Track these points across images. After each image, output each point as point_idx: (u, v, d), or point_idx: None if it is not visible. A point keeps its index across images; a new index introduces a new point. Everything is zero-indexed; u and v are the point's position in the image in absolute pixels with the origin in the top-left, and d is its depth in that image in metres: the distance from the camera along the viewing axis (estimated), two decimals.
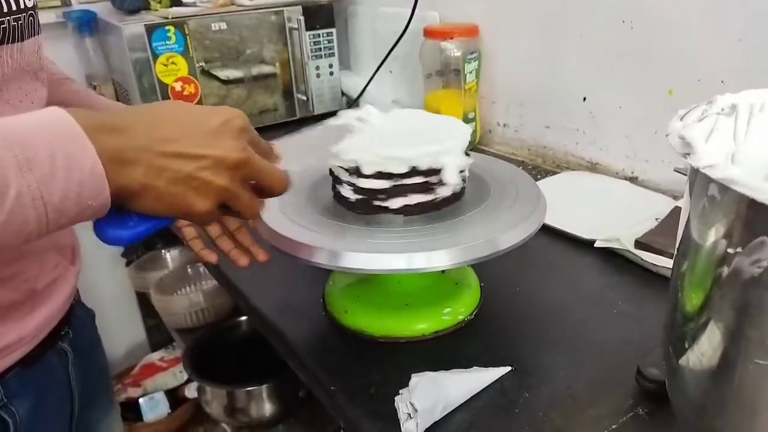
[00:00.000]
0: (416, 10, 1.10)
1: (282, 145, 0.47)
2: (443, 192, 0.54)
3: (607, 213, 0.79)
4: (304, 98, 1.28)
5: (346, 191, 0.55)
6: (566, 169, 0.98)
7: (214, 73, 1.17)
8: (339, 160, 0.54)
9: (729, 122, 0.37)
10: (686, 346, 0.34)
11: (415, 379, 0.48)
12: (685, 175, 0.40)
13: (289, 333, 0.60)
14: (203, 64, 1.14)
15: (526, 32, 0.99)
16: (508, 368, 0.52)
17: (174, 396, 1.49)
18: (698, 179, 0.31)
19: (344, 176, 0.55)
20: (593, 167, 0.96)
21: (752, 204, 0.26)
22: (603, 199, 0.84)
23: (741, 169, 0.26)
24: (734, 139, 0.38)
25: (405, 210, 0.54)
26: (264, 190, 0.43)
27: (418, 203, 0.54)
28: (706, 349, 0.32)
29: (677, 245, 0.36)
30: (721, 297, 0.30)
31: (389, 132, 0.57)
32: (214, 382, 1.03)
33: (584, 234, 0.73)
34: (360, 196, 0.55)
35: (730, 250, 0.28)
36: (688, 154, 0.29)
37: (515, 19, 1.00)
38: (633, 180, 0.90)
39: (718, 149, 0.34)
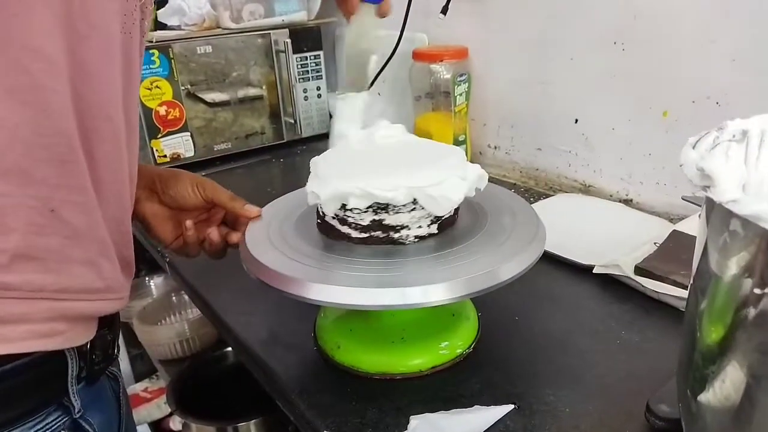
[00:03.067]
0: (404, 33, 1.09)
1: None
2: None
3: (604, 237, 0.77)
4: (292, 121, 1.26)
5: (333, 222, 0.53)
6: (559, 191, 0.97)
7: (200, 95, 1.14)
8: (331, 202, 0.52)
9: (740, 149, 0.35)
10: (707, 389, 0.32)
11: (414, 422, 0.45)
12: (695, 203, 0.38)
13: (278, 369, 0.57)
14: (188, 86, 1.12)
15: (516, 54, 0.98)
16: (511, 406, 0.49)
17: (158, 428, 1.43)
18: (717, 212, 0.29)
19: (365, 219, 0.52)
20: (587, 190, 0.94)
21: None
22: (598, 223, 0.82)
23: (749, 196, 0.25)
24: (746, 166, 0.36)
25: (450, 221, 0.53)
26: None
27: (444, 219, 0.53)
28: (730, 393, 0.30)
29: (692, 279, 0.34)
30: (747, 340, 0.28)
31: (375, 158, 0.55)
32: (199, 418, 0.99)
33: (582, 259, 0.71)
34: (384, 233, 0.52)
35: (758, 291, 0.26)
36: (708, 186, 0.27)
37: (505, 40, 0.99)
38: (628, 202, 0.88)
39: (733, 179, 0.33)
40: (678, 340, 0.40)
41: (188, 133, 1.14)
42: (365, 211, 0.51)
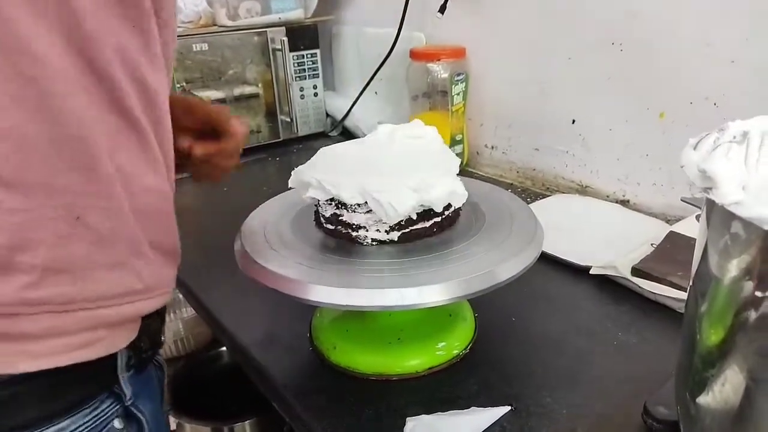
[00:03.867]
0: (402, 32, 1.09)
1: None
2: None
3: (601, 238, 0.77)
4: (288, 120, 1.26)
5: (331, 221, 0.53)
6: (556, 191, 0.97)
7: (195, 93, 1.14)
8: (320, 193, 0.51)
9: (741, 150, 0.35)
10: (706, 392, 0.31)
11: (411, 423, 0.45)
12: (694, 205, 0.38)
13: (273, 369, 0.57)
14: (184, 84, 1.11)
15: (514, 54, 0.98)
16: (508, 408, 0.49)
17: None
18: (717, 213, 0.29)
19: (328, 211, 0.53)
20: (583, 190, 0.94)
21: None
22: (595, 224, 0.82)
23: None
24: (746, 167, 0.36)
25: (421, 232, 0.52)
26: None
27: (412, 230, 0.52)
28: (730, 396, 0.29)
29: (691, 281, 0.34)
30: (748, 343, 0.28)
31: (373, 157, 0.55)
32: (194, 418, 0.98)
33: (579, 260, 0.71)
34: (345, 230, 0.52)
35: (759, 294, 0.26)
36: (710, 188, 0.27)
37: (502, 40, 0.99)
38: (625, 203, 0.88)
39: (735, 181, 0.32)
40: (675, 341, 0.39)
41: None
42: (328, 204, 0.53)
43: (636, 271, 0.65)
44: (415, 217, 0.52)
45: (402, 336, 0.55)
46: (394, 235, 0.52)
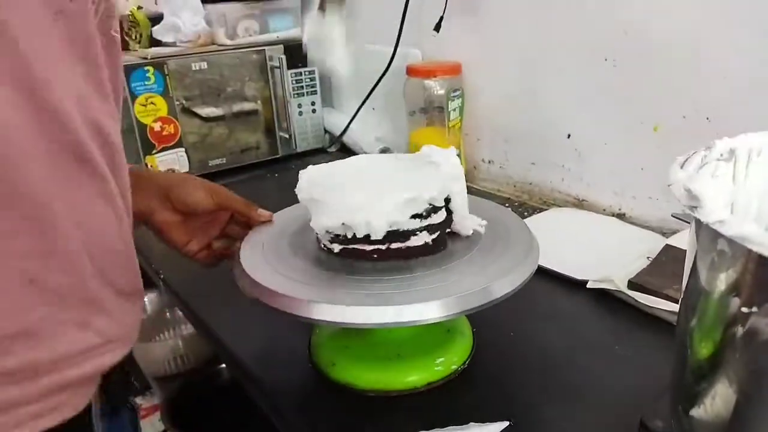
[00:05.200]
0: (398, 48, 1.11)
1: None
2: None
3: (597, 251, 0.77)
4: (287, 136, 1.27)
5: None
6: (553, 205, 0.98)
7: (195, 110, 1.15)
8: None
9: (728, 168, 0.36)
10: (698, 405, 0.32)
11: None
12: (684, 221, 0.38)
13: (273, 386, 0.57)
14: (183, 101, 1.12)
15: (509, 70, 0.99)
16: (506, 423, 0.49)
17: None
18: (705, 231, 0.30)
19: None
20: (580, 204, 0.95)
21: (767, 262, 0.24)
22: (592, 237, 0.82)
23: (736, 217, 0.25)
24: (734, 185, 0.36)
25: (358, 253, 0.52)
26: None
27: (375, 250, 0.52)
28: (721, 410, 0.30)
29: (682, 295, 0.35)
30: (736, 357, 0.28)
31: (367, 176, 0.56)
32: None
33: (575, 274, 0.71)
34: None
35: (745, 310, 0.27)
36: (695, 207, 0.27)
37: (497, 56, 1.00)
38: (621, 216, 0.89)
39: (720, 199, 0.33)
40: (672, 354, 0.40)
41: (183, 149, 1.14)
42: None
43: (632, 285, 0.66)
44: (350, 235, 0.51)
45: (401, 352, 0.56)
46: (336, 247, 0.53)
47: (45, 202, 0.35)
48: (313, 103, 1.28)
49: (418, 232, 0.52)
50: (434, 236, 0.53)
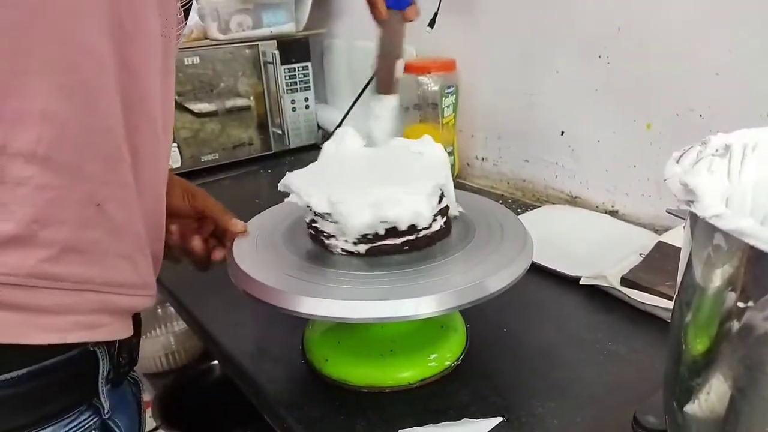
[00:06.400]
0: None
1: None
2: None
3: (590, 248, 0.78)
4: (280, 132, 1.26)
5: (309, 227, 0.53)
6: (546, 202, 0.98)
7: (187, 106, 1.14)
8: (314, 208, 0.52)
9: (723, 163, 0.36)
10: (692, 401, 0.32)
11: None
12: (679, 216, 0.38)
13: (265, 382, 0.57)
14: (176, 97, 1.11)
15: (503, 67, 0.99)
16: (500, 419, 0.49)
17: None
18: (701, 226, 0.30)
19: (308, 217, 0.54)
20: (573, 201, 0.95)
21: (763, 256, 0.24)
22: (585, 234, 0.83)
23: (731, 210, 0.25)
24: (729, 180, 0.36)
25: (389, 249, 0.52)
26: None
27: (379, 245, 0.52)
28: (715, 406, 0.30)
29: (677, 291, 0.35)
30: (731, 352, 0.28)
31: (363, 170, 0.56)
32: None
33: (568, 270, 0.71)
34: (319, 237, 0.53)
35: (741, 304, 0.27)
36: (692, 201, 0.27)
37: (492, 53, 1.00)
38: (613, 213, 0.89)
39: (716, 194, 0.33)
40: (664, 351, 0.40)
41: (175, 144, 1.13)
42: (308, 210, 0.53)
43: (625, 281, 0.66)
44: (382, 232, 0.51)
45: (394, 348, 0.56)
46: (362, 248, 0.52)
47: (112, 128, 0.39)
48: (306, 99, 1.28)
49: (437, 218, 0.53)
50: (444, 219, 0.54)
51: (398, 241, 0.52)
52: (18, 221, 0.36)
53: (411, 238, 0.52)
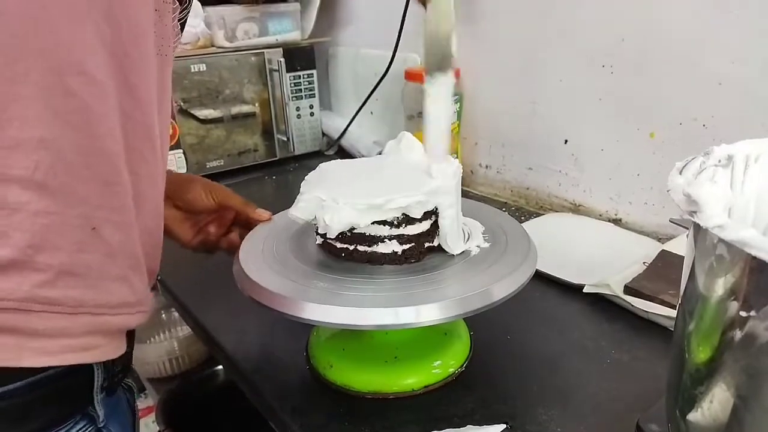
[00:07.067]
0: (397, 53, 1.11)
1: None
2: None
3: (594, 256, 0.78)
4: (285, 139, 1.27)
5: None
6: (549, 210, 0.98)
7: (193, 112, 1.15)
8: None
9: (726, 174, 0.36)
10: (695, 409, 0.32)
11: None
12: (682, 226, 0.39)
13: (269, 388, 0.57)
14: (181, 103, 1.12)
15: (507, 75, 1.00)
16: (503, 426, 0.49)
17: None
18: (703, 236, 0.30)
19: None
20: (576, 209, 0.95)
21: (766, 266, 0.25)
22: (588, 242, 0.83)
23: (733, 220, 0.25)
24: (731, 191, 0.37)
25: (360, 256, 0.52)
26: None
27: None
28: (718, 414, 0.30)
29: (680, 300, 0.35)
30: (734, 361, 0.28)
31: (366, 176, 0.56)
32: None
33: (572, 278, 0.71)
34: (344, 245, 0.53)
35: (743, 314, 0.27)
36: (695, 212, 0.28)
37: (496, 62, 1.01)
38: (617, 222, 0.89)
39: (719, 204, 0.33)
40: (667, 359, 0.40)
41: (181, 150, 1.14)
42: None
43: (628, 290, 0.66)
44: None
45: (398, 354, 0.56)
46: (318, 238, 0.55)
47: (110, 151, 0.39)
48: (311, 107, 1.29)
49: (386, 240, 0.52)
50: (406, 247, 0.52)
51: (338, 245, 0.53)
52: (14, 246, 0.36)
53: (349, 247, 0.52)
